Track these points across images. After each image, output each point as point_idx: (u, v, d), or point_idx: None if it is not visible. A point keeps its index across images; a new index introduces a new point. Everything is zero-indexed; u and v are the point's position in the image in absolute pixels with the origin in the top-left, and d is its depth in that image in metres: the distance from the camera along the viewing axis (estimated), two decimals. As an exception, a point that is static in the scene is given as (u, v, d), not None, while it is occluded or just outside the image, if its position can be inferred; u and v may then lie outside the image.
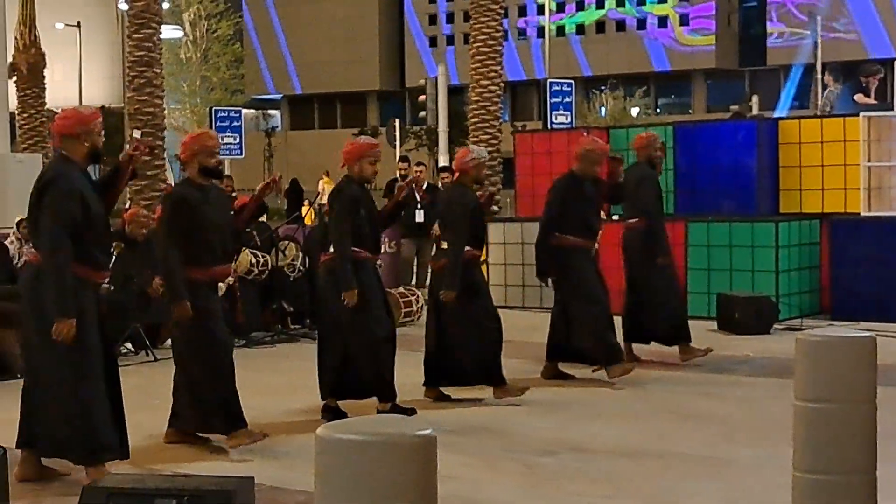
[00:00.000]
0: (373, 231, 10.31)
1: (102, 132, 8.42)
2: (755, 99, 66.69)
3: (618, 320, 12.71)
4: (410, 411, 10.08)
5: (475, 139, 27.81)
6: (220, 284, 9.31)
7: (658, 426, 10.06)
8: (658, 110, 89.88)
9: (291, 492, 7.74)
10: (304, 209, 22.26)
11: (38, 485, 8.11)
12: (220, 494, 6.02)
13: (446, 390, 11.19)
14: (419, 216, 18.47)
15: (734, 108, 36.62)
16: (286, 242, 16.15)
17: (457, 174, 11.47)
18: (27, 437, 8.18)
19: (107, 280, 8.37)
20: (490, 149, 27.32)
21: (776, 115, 47.20)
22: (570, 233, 11.94)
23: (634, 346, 13.26)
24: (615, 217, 17.85)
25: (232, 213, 9.59)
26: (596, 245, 12.21)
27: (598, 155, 12.21)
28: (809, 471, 5.74)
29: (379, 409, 10.08)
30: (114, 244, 8.64)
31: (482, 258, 11.67)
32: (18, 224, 15.45)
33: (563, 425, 10.08)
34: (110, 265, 8.53)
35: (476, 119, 28.04)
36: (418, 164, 20.32)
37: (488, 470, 8.59)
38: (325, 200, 15.13)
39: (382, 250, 17.29)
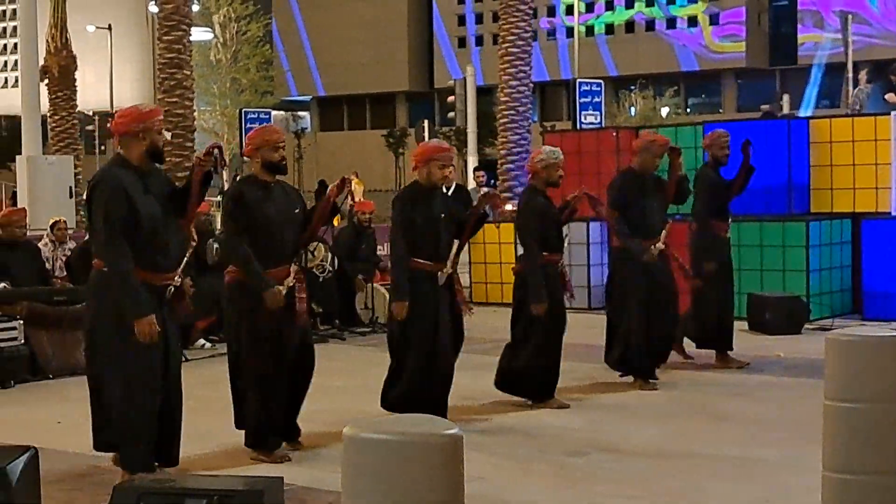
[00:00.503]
0: (435, 239, 9.87)
1: (162, 130, 8.20)
2: (786, 98, 66.43)
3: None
4: None
5: (504, 140, 27.82)
6: (284, 286, 8.79)
7: (689, 426, 10.04)
8: (688, 110, 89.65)
9: (321, 492, 7.75)
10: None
11: (69, 484, 8.17)
12: (249, 495, 6.03)
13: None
14: None
15: (765, 107, 36.46)
16: (315, 243, 16.16)
17: (530, 176, 11.27)
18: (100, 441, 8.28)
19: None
20: (519, 149, 27.35)
21: (800, 115, 46.87)
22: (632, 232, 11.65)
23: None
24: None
25: (297, 211, 9.11)
26: (661, 245, 11.70)
27: (658, 147, 11.90)
28: (839, 470, 5.73)
29: None
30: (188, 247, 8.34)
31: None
32: (53, 226, 15.51)
33: (594, 426, 10.07)
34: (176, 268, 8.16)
35: (505, 119, 28.04)
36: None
37: (519, 470, 8.59)
38: (353, 202, 15.14)
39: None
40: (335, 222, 19.89)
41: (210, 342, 14.98)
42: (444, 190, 10.41)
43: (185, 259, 8.16)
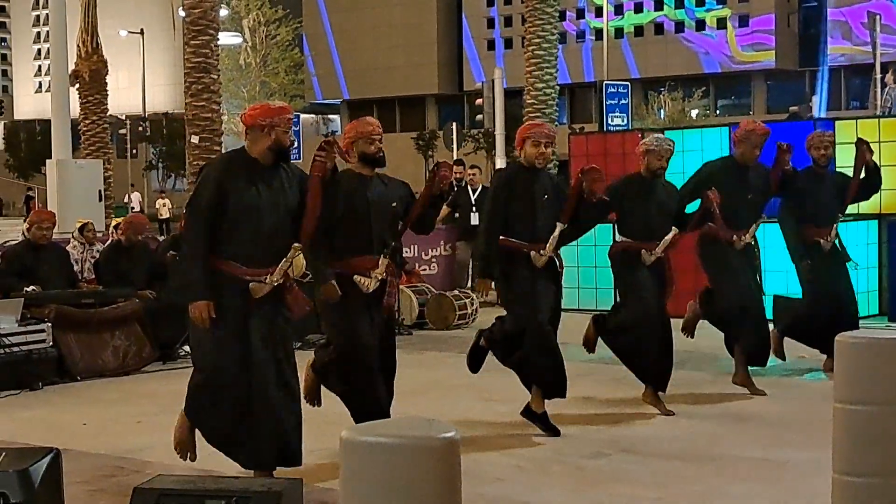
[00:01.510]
0: (532, 219, 9.75)
1: (289, 130, 8.02)
2: (815, 100, 66.20)
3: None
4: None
5: (531, 142, 27.79)
6: (371, 277, 8.69)
7: (710, 428, 10.05)
8: (717, 111, 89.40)
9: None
10: None
11: (93, 485, 8.23)
12: (268, 496, 6.08)
13: None
14: (474, 219, 18.47)
15: (793, 108, 36.36)
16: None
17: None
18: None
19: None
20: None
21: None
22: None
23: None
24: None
25: (394, 204, 8.90)
26: (748, 238, 11.41)
27: (759, 136, 11.53)
28: (849, 473, 5.73)
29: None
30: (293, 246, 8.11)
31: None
32: (81, 229, 15.60)
33: (615, 427, 10.08)
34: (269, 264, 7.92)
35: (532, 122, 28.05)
36: (472, 166, 20.33)
37: (539, 472, 8.62)
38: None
39: (438, 253, 17.46)
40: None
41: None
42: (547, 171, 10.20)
43: (287, 259, 7.93)
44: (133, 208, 53.19)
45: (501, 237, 9.75)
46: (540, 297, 9.76)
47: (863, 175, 12.65)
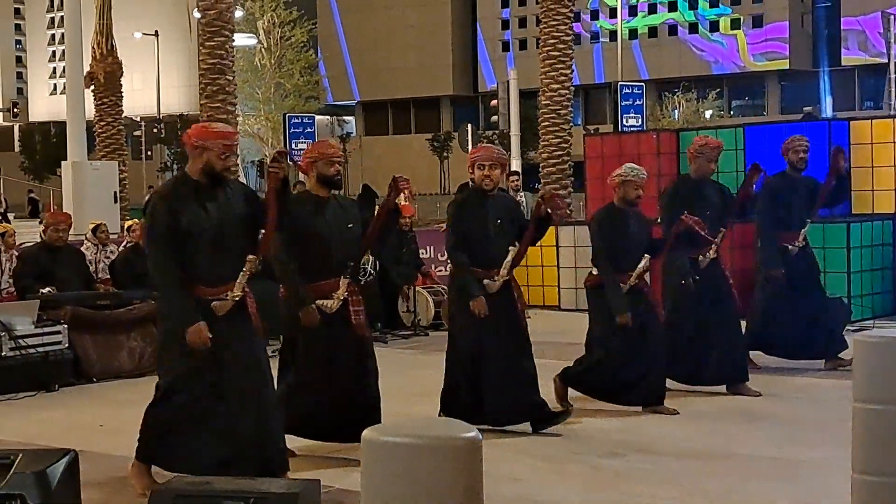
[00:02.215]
0: (485, 244, 9.79)
1: (226, 154, 7.95)
2: (829, 100, 66.11)
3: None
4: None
5: (545, 143, 27.81)
6: (333, 298, 8.78)
7: (725, 427, 10.05)
8: (731, 112, 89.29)
9: (358, 494, 7.78)
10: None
11: (110, 487, 8.25)
12: (285, 497, 6.07)
13: None
14: None
15: (807, 109, 36.33)
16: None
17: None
18: None
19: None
20: (560, 152, 27.33)
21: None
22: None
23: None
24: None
25: (351, 225, 8.95)
26: (712, 254, 11.36)
27: (712, 150, 11.56)
28: (868, 472, 5.72)
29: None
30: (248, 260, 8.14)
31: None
32: (95, 230, 15.63)
33: (630, 427, 10.08)
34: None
35: (546, 123, 28.04)
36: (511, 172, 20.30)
37: (554, 472, 8.62)
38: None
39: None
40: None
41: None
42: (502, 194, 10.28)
43: (245, 272, 7.95)
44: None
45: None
46: (488, 326, 9.70)
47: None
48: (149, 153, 71.57)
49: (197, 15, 26.07)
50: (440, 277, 18.20)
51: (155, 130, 65.03)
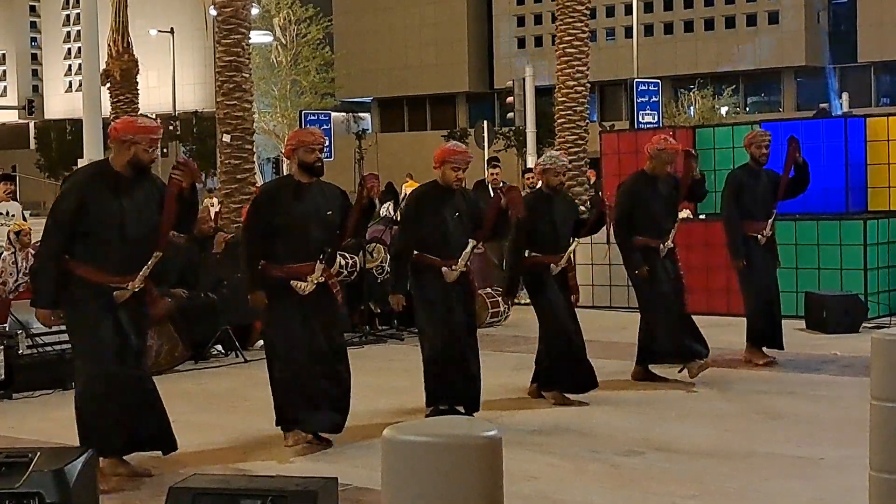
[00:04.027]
0: (444, 236, 10.14)
1: (152, 148, 8.33)
2: (845, 96, 65.99)
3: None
4: None
5: (562, 139, 27.75)
6: (306, 282, 9.08)
7: (744, 426, 10.04)
8: (747, 109, 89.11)
9: (376, 492, 7.79)
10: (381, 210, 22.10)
11: (126, 484, 8.26)
12: (304, 495, 6.08)
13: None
14: None
15: (823, 105, 36.28)
16: (374, 244, 16.26)
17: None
18: None
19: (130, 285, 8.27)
20: (576, 149, 27.27)
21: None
22: (640, 233, 11.90)
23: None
24: (702, 216, 17.81)
25: (330, 212, 9.29)
26: (669, 244, 11.96)
27: (669, 154, 12.05)
28: (886, 470, 5.70)
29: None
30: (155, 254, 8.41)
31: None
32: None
33: (649, 425, 10.08)
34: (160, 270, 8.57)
35: (562, 119, 27.97)
36: (493, 165, 20.30)
37: (574, 470, 8.61)
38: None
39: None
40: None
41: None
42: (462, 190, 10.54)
43: (148, 266, 8.30)
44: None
45: (416, 253, 10.10)
46: (451, 312, 10.13)
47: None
48: (164, 150, 71.73)
49: (213, 12, 26.02)
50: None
51: (171, 127, 65.19)
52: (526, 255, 11.16)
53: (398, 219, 18.03)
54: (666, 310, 11.91)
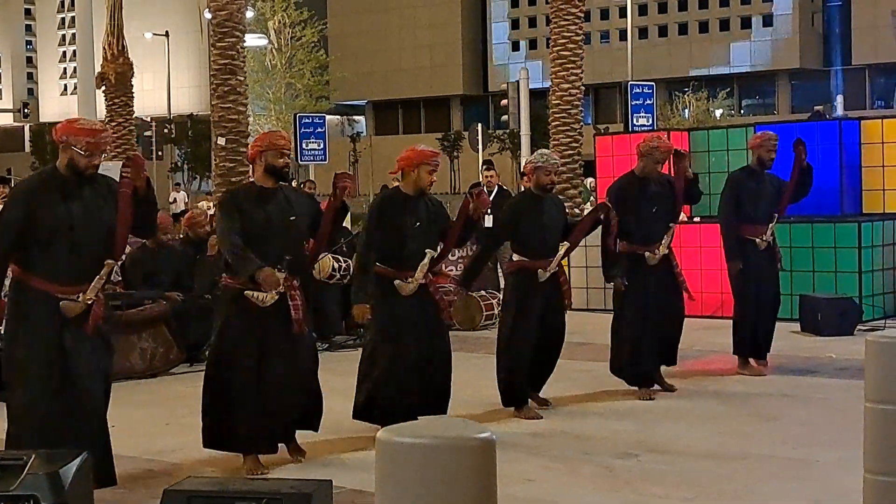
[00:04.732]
0: (401, 246, 9.71)
1: (92, 153, 7.81)
2: (839, 99, 66.08)
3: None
4: None
5: (556, 142, 27.79)
6: (264, 294, 8.61)
7: (739, 428, 10.03)
8: (742, 111, 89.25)
9: (370, 495, 7.78)
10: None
11: (122, 487, 8.25)
12: (298, 498, 6.09)
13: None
14: (488, 221, 18.41)
15: (818, 108, 36.29)
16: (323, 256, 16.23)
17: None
18: None
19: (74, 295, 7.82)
20: (571, 151, 27.31)
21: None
22: (627, 238, 11.37)
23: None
24: (696, 219, 17.83)
25: (293, 218, 8.85)
26: (663, 250, 11.46)
27: (661, 153, 11.57)
28: (880, 473, 5.72)
29: None
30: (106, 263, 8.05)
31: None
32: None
33: (643, 428, 10.06)
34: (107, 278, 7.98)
35: (557, 122, 28.01)
36: (488, 168, 20.28)
37: (568, 472, 8.61)
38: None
39: (465, 253, 17.41)
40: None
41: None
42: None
43: (101, 276, 7.87)
44: (177, 206, 53.20)
45: (376, 264, 9.72)
46: (407, 326, 9.70)
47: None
48: (159, 153, 71.68)
49: (208, 15, 26.08)
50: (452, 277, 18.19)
51: (166, 131, 65.20)
52: (514, 258, 10.85)
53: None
54: (633, 331, 11.45)
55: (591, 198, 24.49)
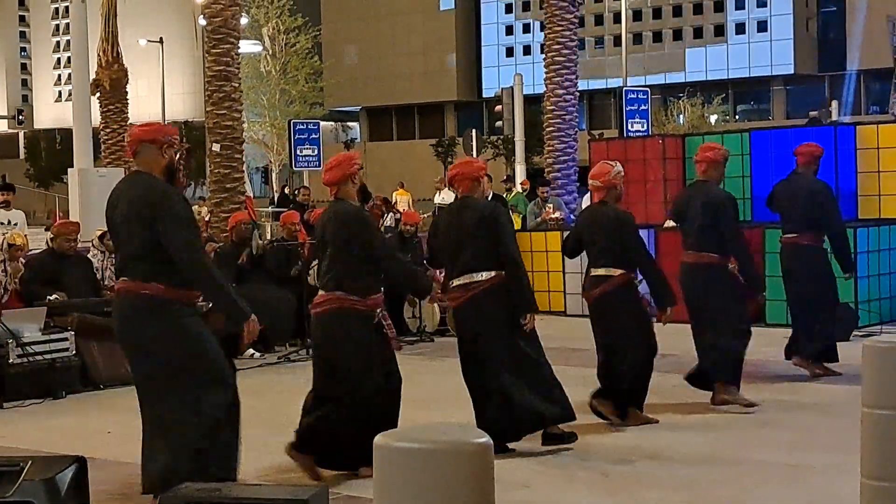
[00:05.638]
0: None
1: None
2: (835, 104, 66.16)
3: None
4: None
5: (550, 148, 27.79)
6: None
7: (734, 433, 10.04)
8: (737, 117, 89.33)
9: (367, 500, 7.80)
10: None
11: (119, 493, 8.26)
12: (294, 503, 6.08)
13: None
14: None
15: (813, 113, 36.33)
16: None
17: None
18: None
19: None
20: (565, 157, 27.32)
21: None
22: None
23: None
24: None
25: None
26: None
27: (725, 158, 11.60)
28: (877, 478, 5.72)
29: None
30: None
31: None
32: (102, 237, 15.65)
33: (639, 433, 10.07)
34: None
35: (551, 128, 28.00)
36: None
37: (564, 478, 8.62)
38: (399, 212, 15.13)
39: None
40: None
41: (259, 352, 15.11)
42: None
43: None
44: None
45: None
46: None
47: None
48: (154, 159, 71.64)
49: (202, 22, 26.06)
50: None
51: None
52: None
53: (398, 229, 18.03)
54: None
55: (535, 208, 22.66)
